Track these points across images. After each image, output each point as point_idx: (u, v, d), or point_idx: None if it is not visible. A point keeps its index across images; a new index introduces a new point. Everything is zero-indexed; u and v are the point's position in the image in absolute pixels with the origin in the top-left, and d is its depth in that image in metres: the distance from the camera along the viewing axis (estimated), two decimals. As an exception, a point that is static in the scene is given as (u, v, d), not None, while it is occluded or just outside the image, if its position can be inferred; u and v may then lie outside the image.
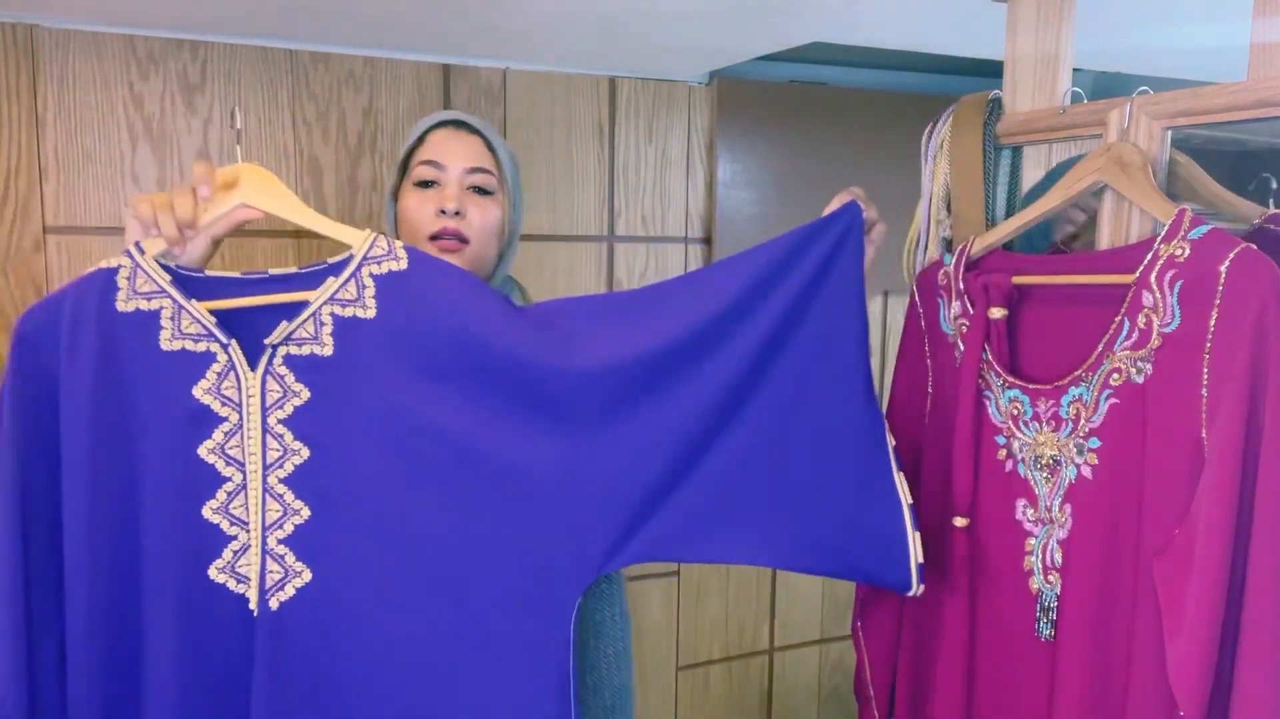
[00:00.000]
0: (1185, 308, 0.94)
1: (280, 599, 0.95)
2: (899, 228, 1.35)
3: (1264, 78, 0.94)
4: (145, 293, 0.94)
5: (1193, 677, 0.89)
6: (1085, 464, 1.03)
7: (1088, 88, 2.10)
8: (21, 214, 1.52)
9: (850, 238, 1.03)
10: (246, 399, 0.95)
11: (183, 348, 0.94)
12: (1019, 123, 1.21)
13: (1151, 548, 0.96)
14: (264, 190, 0.98)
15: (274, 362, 0.95)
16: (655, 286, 1.03)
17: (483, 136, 1.22)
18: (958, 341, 1.16)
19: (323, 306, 0.96)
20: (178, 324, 0.95)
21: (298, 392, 0.96)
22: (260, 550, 0.95)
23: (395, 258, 0.97)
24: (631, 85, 1.91)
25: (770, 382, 0.98)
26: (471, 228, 1.17)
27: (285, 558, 0.95)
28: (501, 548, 0.96)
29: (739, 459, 0.97)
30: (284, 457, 0.96)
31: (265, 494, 0.95)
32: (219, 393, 0.95)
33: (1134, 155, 1.03)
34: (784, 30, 1.59)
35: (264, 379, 0.95)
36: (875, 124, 2.08)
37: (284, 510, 0.95)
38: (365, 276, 0.96)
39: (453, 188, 1.18)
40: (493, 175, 1.21)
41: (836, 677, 2.30)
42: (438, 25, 1.53)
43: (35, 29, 1.50)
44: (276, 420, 0.95)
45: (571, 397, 0.96)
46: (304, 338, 0.96)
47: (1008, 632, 1.10)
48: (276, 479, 0.95)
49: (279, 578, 0.95)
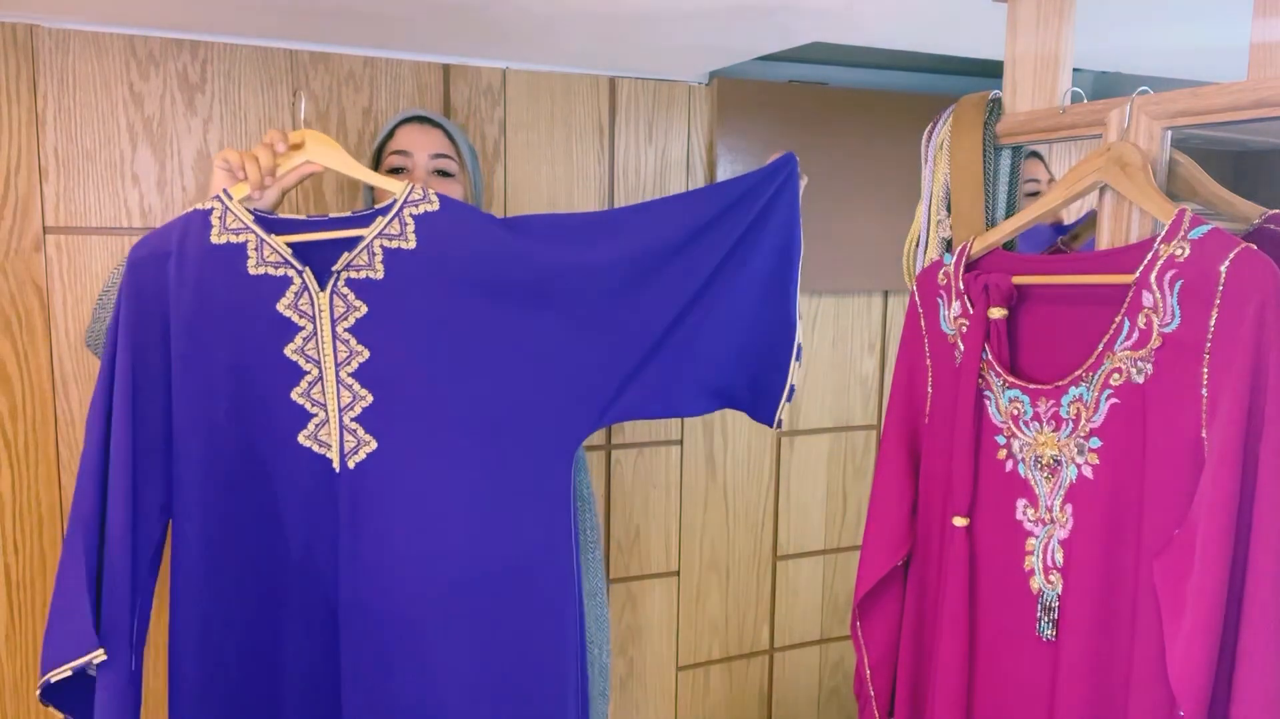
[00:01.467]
0: (1185, 308, 0.94)
1: (355, 461, 1.21)
2: (899, 228, 1.35)
3: (1264, 78, 0.95)
4: (234, 229, 1.18)
5: (1193, 676, 0.89)
6: (1086, 464, 1.03)
7: (1088, 88, 2.11)
8: (21, 214, 1.52)
9: (790, 181, 1.24)
10: (319, 312, 1.19)
11: (265, 273, 1.18)
12: (1019, 123, 1.21)
13: (1152, 547, 0.96)
14: (326, 150, 1.22)
15: (338, 283, 1.19)
16: (634, 209, 1.25)
17: (444, 129, 1.43)
18: (958, 341, 1.16)
19: (374, 240, 1.19)
20: (261, 254, 1.18)
21: (358, 307, 1.19)
22: (338, 425, 1.21)
23: (430, 201, 1.21)
24: (631, 85, 1.91)
25: (725, 284, 1.23)
26: None
27: (357, 431, 1.21)
28: (527, 409, 1.22)
29: (696, 340, 1.24)
30: (350, 356, 1.20)
31: (338, 385, 1.20)
32: (296, 307, 1.19)
33: (1134, 155, 1.03)
34: (784, 30, 1.59)
35: (331, 297, 1.19)
36: (875, 124, 2.08)
37: (353, 397, 1.21)
38: (406, 216, 1.20)
39: (420, 173, 1.41)
40: (453, 160, 1.43)
41: (836, 677, 2.30)
42: (438, 25, 1.53)
43: (35, 29, 1.50)
44: (343, 329, 1.20)
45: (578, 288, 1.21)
46: (360, 264, 1.19)
47: (1009, 632, 1.10)
48: (346, 373, 1.20)
49: (353, 445, 1.21)
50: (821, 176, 2.05)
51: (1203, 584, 0.89)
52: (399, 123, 1.43)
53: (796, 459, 2.18)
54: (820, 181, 2.05)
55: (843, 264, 2.11)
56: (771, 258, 1.25)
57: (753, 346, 1.27)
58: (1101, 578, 1.01)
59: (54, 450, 1.57)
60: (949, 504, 1.15)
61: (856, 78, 2.12)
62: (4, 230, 1.51)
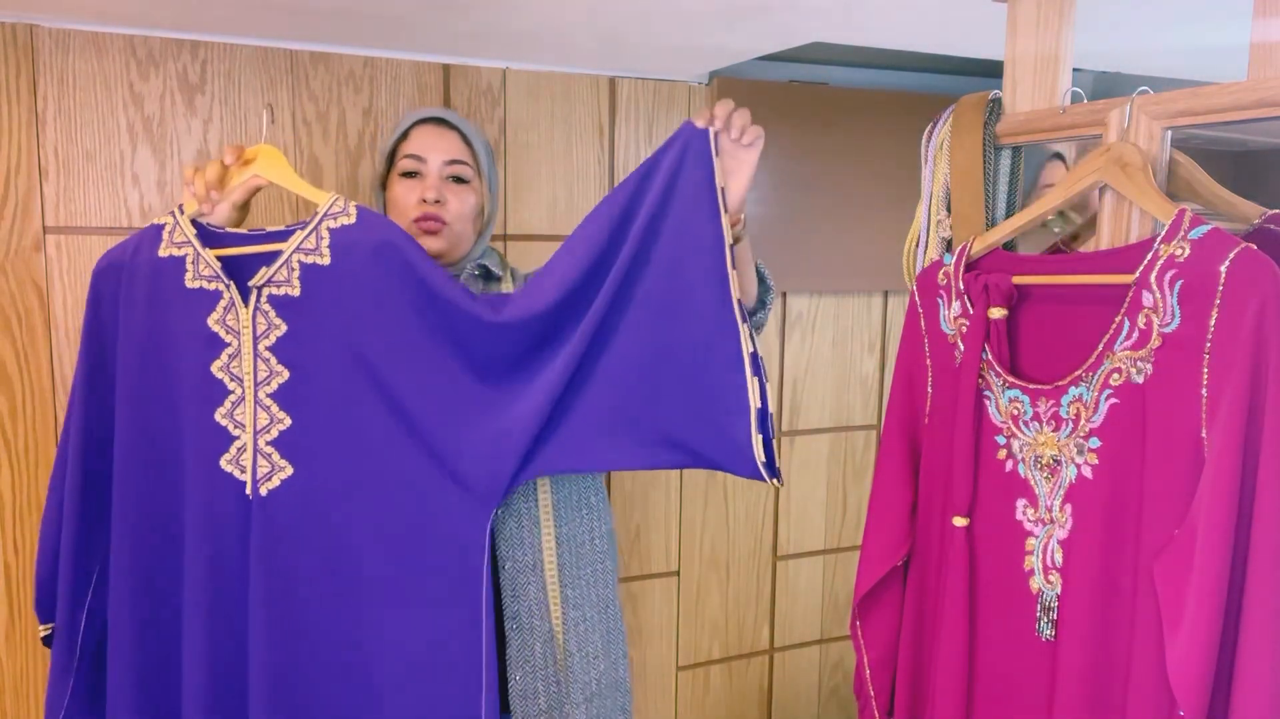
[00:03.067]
0: (1185, 308, 0.94)
1: (269, 488, 1.18)
2: (899, 228, 1.35)
3: (1264, 78, 0.94)
4: (178, 242, 1.21)
5: (1193, 676, 0.89)
6: (1085, 464, 1.03)
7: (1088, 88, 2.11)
8: (21, 214, 1.52)
9: (689, 154, 1.11)
10: (242, 329, 1.19)
11: (200, 286, 1.20)
12: (1019, 123, 1.21)
13: (1152, 548, 0.96)
14: (272, 165, 1.23)
15: (260, 300, 1.18)
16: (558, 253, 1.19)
17: (460, 131, 1.37)
18: (958, 342, 1.16)
19: (292, 255, 1.18)
20: (197, 267, 1.20)
21: (278, 325, 1.18)
22: (253, 449, 1.19)
23: (347, 214, 1.19)
24: (631, 85, 1.91)
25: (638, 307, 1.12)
26: (450, 213, 1.34)
27: (272, 456, 1.18)
28: (432, 459, 1.17)
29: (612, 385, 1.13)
30: (270, 376, 1.18)
31: (256, 405, 1.19)
32: (224, 323, 1.19)
33: (1134, 155, 1.03)
34: (784, 30, 1.59)
35: (254, 314, 1.18)
36: (875, 124, 2.08)
37: (270, 419, 1.19)
38: (323, 230, 1.18)
39: (433, 178, 1.35)
40: (469, 166, 1.37)
41: (836, 677, 2.30)
42: (438, 25, 1.53)
43: (35, 29, 1.50)
44: (264, 347, 1.18)
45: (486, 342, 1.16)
46: (280, 280, 1.18)
47: (1008, 632, 1.10)
48: (265, 394, 1.18)
49: (267, 471, 1.19)
50: (821, 176, 2.05)
51: (1203, 584, 0.89)
52: (414, 123, 1.38)
53: (796, 459, 2.18)
54: (820, 181, 2.05)
55: (843, 264, 2.11)
56: (686, 252, 1.09)
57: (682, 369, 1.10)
58: (1101, 578, 1.01)
59: (54, 450, 1.57)
60: (949, 504, 1.15)
61: (856, 78, 2.12)
62: (4, 230, 1.51)
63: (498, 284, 1.40)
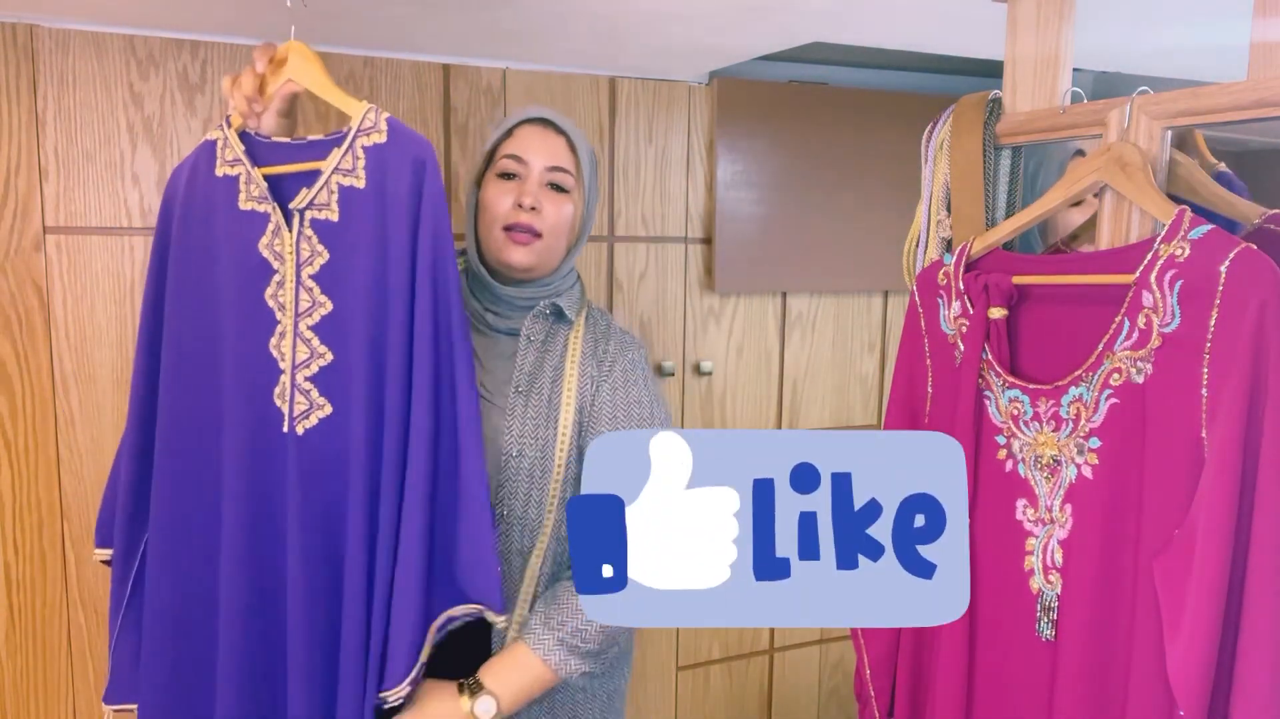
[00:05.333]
0: (1185, 308, 0.94)
1: (305, 426, 1.10)
2: (899, 228, 1.35)
3: (1264, 78, 0.94)
4: (230, 160, 1.13)
5: (1193, 676, 0.89)
6: (1085, 464, 1.03)
7: (1088, 88, 2.11)
8: (21, 214, 1.52)
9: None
10: (287, 254, 1.10)
11: (252, 209, 1.12)
12: (1019, 123, 1.21)
13: (1152, 548, 0.96)
14: (303, 68, 1.13)
15: (304, 225, 1.09)
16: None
17: (567, 137, 1.30)
18: (958, 342, 1.16)
19: (331, 176, 1.09)
20: (249, 188, 1.12)
21: (321, 252, 1.09)
22: (290, 384, 1.10)
23: (379, 130, 1.09)
24: (631, 85, 1.91)
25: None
26: (545, 223, 1.26)
27: (310, 393, 1.10)
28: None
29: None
30: (313, 307, 1.10)
31: (296, 338, 1.10)
32: (272, 248, 1.11)
33: (1134, 155, 1.03)
34: (784, 30, 1.59)
35: (298, 239, 1.10)
36: (875, 124, 2.08)
37: (310, 353, 1.10)
38: (359, 148, 1.09)
39: (532, 183, 1.27)
40: (571, 175, 1.30)
41: (836, 677, 2.30)
42: (438, 25, 1.53)
43: (35, 29, 1.50)
44: (308, 275, 1.10)
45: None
46: (321, 204, 1.09)
47: (1008, 632, 1.10)
48: (305, 326, 1.10)
49: (304, 409, 1.10)
50: (821, 176, 2.05)
51: (1203, 584, 0.89)
52: (520, 122, 1.30)
53: (796, 459, 2.18)
54: (820, 181, 2.06)
55: (843, 264, 2.11)
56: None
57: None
58: (1101, 578, 1.01)
59: (54, 450, 1.57)
60: (949, 504, 1.15)
61: (856, 78, 2.12)
62: (4, 230, 1.51)
63: (567, 329, 1.31)
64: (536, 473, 1.25)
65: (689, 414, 2.04)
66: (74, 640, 1.62)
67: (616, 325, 1.36)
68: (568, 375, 1.28)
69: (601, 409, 1.27)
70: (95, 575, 1.61)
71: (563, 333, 1.31)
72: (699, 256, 2.02)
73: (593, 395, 1.28)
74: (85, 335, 1.57)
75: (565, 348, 1.30)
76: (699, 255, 2.02)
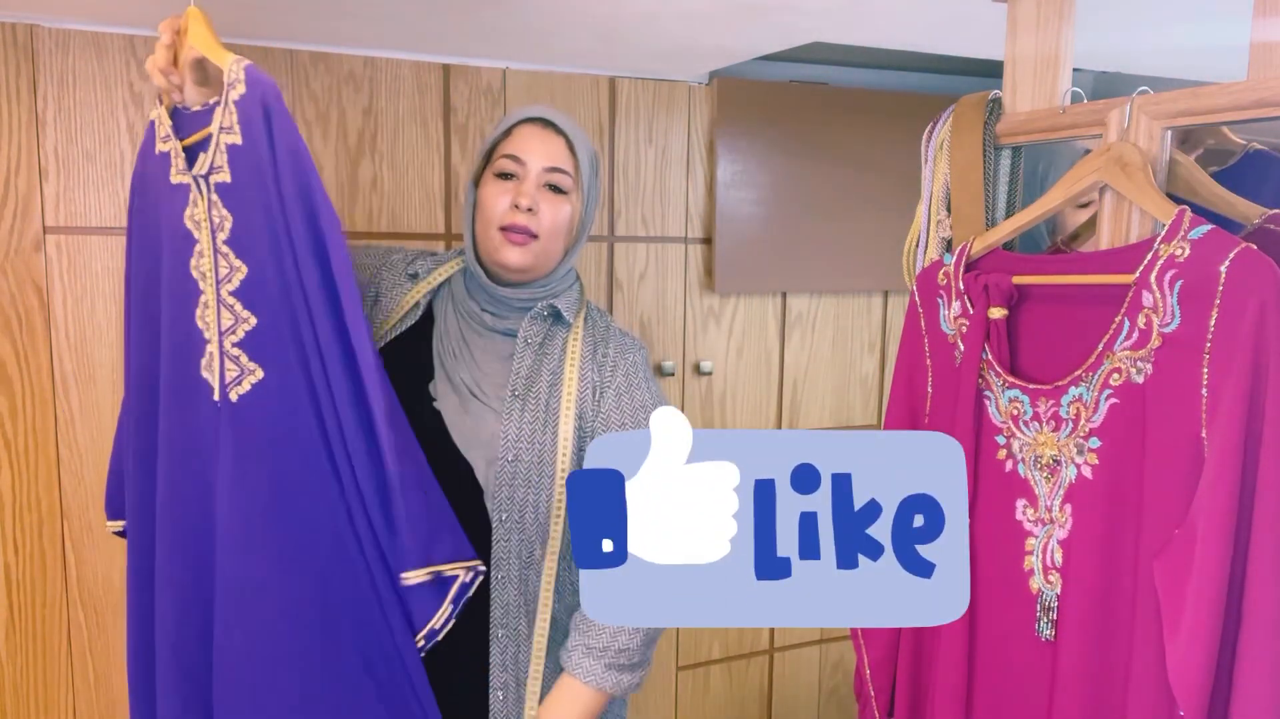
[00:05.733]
0: (1185, 308, 0.94)
1: (238, 393, 1.07)
2: (899, 228, 1.35)
3: (1264, 78, 0.94)
4: (163, 136, 1.13)
5: (1193, 676, 0.89)
6: (1085, 464, 1.03)
7: (1088, 88, 2.11)
8: (21, 214, 1.52)
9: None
10: (201, 221, 1.09)
11: (180, 181, 1.11)
12: (1019, 123, 1.21)
13: (1151, 548, 0.96)
14: (197, 33, 1.09)
15: (210, 190, 1.07)
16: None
17: (567, 138, 1.28)
18: (958, 342, 1.16)
19: (219, 136, 1.06)
20: (177, 161, 1.11)
21: (226, 216, 1.07)
22: (219, 353, 1.08)
23: (240, 80, 1.04)
24: (631, 85, 1.91)
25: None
26: (542, 225, 1.25)
27: (240, 358, 1.07)
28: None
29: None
30: (230, 273, 1.07)
31: (219, 305, 1.07)
32: (194, 219, 1.10)
33: (1134, 155, 1.03)
34: (784, 30, 1.59)
35: (209, 206, 1.08)
36: (875, 124, 2.08)
37: (235, 319, 1.07)
38: (231, 104, 1.05)
39: (529, 184, 1.25)
40: (569, 176, 1.27)
41: (836, 677, 2.30)
42: (438, 25, 1.53)
43: (35, 29, 1.50)
44: (221, 241, 1.08)
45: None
46: (218, 166, 1.06)
47: (1008, 632, 1.10)
48: (227, 292, 1.07)
49: (235, 375, 1.07)
50: (821, 176, 2.05)
51: (1203, 584, 0.89)
52: (519, 122, 1.28)
53: (796, 459, 2.18)
54: (820, 181, 2.06)
55: (843, 264, 2.11)
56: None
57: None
58: (1101, 578, 1.01)
59: (54, 450, 1.58)
60: (949, 504, 1.15)
61: (856, 78, 2.12)
62: (4, 230, 1.51)
63: (565, 331, 1.30)
64: (533, 478, 1.24)
65: (689, 414, 2.04)
66: (74, 640, 1.62)
67: (616, 327, 1.35)
68: (567, 380, 1.27)
69: (609, 415, 1.27)
70: (95, 575, 1.61)
71: (560, 335, 1.30)
72: (699, 257, 2.02)
73: (595, 401, 1.28)
74: (85, 335, 1.57)
75: (564, 351, 1.29)
76: (699, 255, 2.02)
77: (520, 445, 1.23)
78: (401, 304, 1.30)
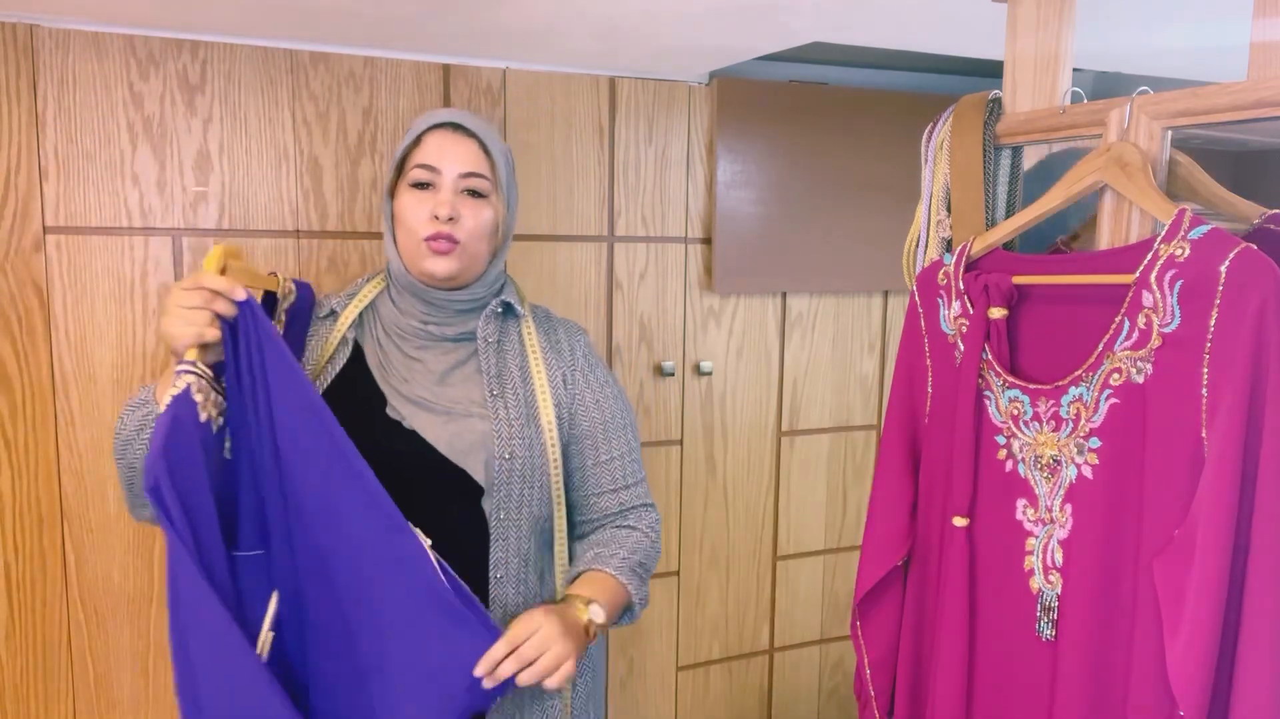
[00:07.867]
0: (1185, 308, 0.94)
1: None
2: (899, 228, 1.35)
3: (1264, 78, 0.94)
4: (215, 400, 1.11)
5: (1193, 676, 0.89)
6: (1085, 464, 1.03)
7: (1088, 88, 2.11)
8: (21, 214, 1.52)
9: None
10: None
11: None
12: (1019, 123, 1.21)
13: (1152, 547, 0.96)
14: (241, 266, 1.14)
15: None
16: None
17: (479, 140, 1.25)
18: (958, 342, 1.16)
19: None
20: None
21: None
22: None
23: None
24: (631, 85, 1.91)
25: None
26: (464, 230, 1.23)
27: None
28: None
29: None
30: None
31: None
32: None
33: (1134, 155, 1.03)
34: (784, 30, 1.59)
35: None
36: (875, 124, 2.08)
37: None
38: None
39: (446, 192, 1.22)
40: (486, 179, 1.25)
41: (836, 677, 2.30)
42: (438, 25, 1.53)
43: (35, 29, 1.50)
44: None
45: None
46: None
47: (1008, 632, 1.10)
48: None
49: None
50: (821, 176, 2.05)
51: (1203, 584, 0.89)
52: (428, 128, 1.25)
53: (796, 459, 2.18)
54: (820, 181, 2.06)
55: (843, 264, 2.11)
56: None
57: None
58: (1101, 578, 1.01)
59: (54, 450, 1.57)
60: (949, 504, 1.15)
61: (856, 78, 2.12)
62: (4, 230, 1.51)
63: (517, 324, 1.33)
64: (529, 472, 1.25)
65: (689, 414, 2.04)
66: (74, 640, 1.62)
67: (554, 313, 1.41)
68: (535, 372, 1.30)
69: (581, 395, 1.33)
70: (95, 575, 1.61)
71: (513, 328, 1.33)
72: (699, 256, 2.02)
73: (566, 386, 1.32)
74: (85, 335, 1.57)
75: (522, 344, 1.32)
76: (699, 255, 2.02)
77: (514, 443, 1.24)
78: (328, 344, 1.27)
